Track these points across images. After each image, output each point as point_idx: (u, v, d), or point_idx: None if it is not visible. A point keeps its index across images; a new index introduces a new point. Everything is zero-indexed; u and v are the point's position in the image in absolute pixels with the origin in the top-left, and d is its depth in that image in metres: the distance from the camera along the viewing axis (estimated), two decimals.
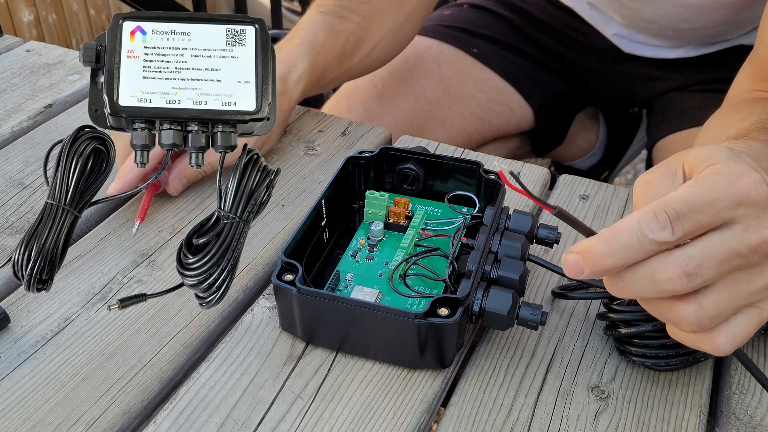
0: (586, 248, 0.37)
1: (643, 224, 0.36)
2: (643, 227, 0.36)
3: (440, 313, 0.45)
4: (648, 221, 0.36)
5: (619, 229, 0.37)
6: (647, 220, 0.36)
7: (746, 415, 0.47)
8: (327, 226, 0.56)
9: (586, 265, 0.38)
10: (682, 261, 0.37)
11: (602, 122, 1.18)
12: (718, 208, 0.37)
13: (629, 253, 0.37)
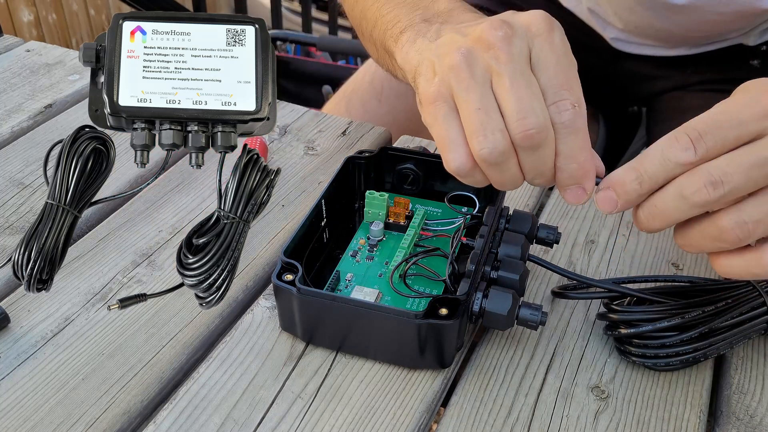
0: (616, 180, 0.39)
1: (665, 148, 0.37)
2: (665, 151, 0.37)
3: (440, 313, 0.45)
4: (670, 144, 0.37)
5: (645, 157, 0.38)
6: (669, 144, 0.37)
7: (746, 415, 0.47)
8: (327, 226, 0.56)
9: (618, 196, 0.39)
10: (706, 172, 0.37)
11: (602, 122, 1.18)
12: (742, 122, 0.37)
13: (656, 177, 0.38)
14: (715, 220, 0.38)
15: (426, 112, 0.43)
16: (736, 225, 0.38)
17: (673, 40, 0.92)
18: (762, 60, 0.91)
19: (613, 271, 0.57)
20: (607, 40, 0.96)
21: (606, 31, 0.96)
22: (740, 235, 0.38)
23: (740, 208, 0.38)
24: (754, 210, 0.37)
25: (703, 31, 0.87)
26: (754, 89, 0.39)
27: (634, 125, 1.15)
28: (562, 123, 0.40)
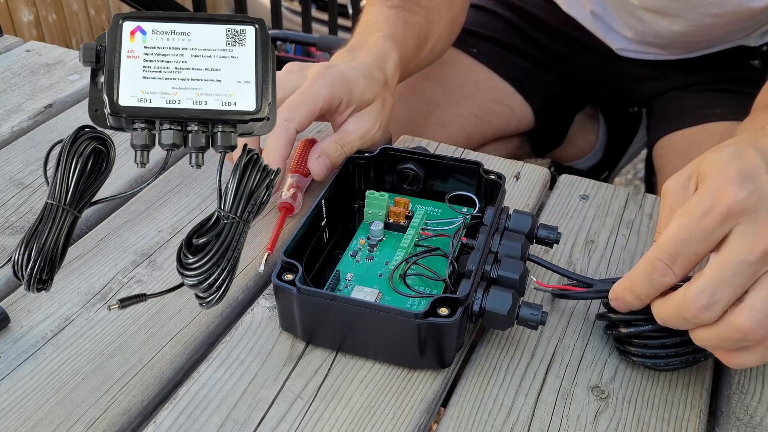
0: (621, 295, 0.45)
1: (649, 274, 0.42)
2: (650, 276, 0.42)
3: (440, 312, 0.45)
4: (651, 271, 0.42)
5: (635, 280, 0.43)
6: (650, 271, 0.42)
7: (746, 415, 0.47)
8: (327, 226, 0.56)
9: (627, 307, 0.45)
10: (696, 298, 0.40)
11: (602, 122, 1.18)
12: (707, 234, 0.40)
13: (651, 295, 0.43)
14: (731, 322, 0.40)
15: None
16: (753, 322, 0.40)
17: (674, 47, 0.92)
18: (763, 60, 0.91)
19: (613, 271, 0.57)
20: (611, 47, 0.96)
21: (609, 37, 0.96)
22: (760, 329, 0.40)
23: (753, 307, 0.40)
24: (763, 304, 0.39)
25: (701, 35, 0.88)
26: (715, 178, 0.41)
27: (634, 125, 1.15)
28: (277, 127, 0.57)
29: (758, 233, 0.39)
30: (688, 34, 0.87)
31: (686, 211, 0.41)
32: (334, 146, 0.59)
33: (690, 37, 0.88)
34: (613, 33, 0.95)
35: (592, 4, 0.94)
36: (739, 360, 0.42)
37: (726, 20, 0.83)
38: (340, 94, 0.58)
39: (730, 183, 0.40)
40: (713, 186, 0.41)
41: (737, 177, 0.40)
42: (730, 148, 0.42)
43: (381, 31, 0.68)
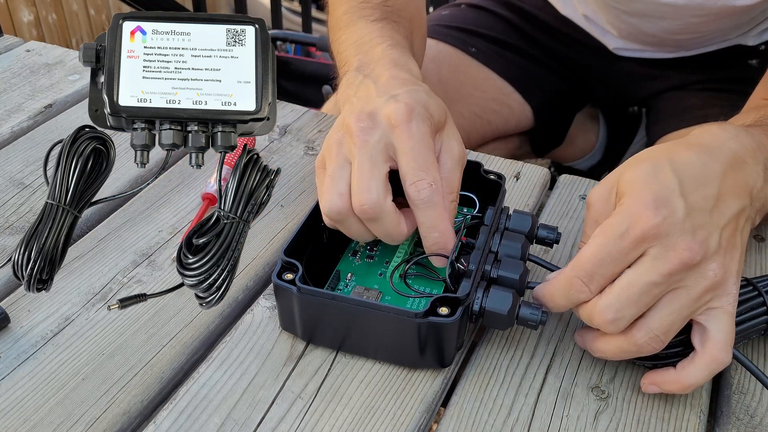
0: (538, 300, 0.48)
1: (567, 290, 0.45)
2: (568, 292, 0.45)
3: (440, 312, 0.45)
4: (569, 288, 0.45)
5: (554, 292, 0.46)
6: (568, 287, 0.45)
7: (746, 415, 0.47)
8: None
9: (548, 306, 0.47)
10: (604, 311, 0.43)
11: (602, 122, 1.18)
12: (621, 255, 0.43)
13: (566, 307, 0.46)
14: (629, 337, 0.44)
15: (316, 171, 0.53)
16: (645, 341, 0.44)
17: (666, 45, 0.93)
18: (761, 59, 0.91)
19: None
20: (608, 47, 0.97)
21: (605, 38, 0.96)
22: (655, 346, 0.44)
23: (647, 325, 0.44)
24: (659, 324, 0.43)
25: (690, 33, 0.88)
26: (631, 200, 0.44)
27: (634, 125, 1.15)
28: (421, 200, 0.48)
29: (667, 257, 0.42)
30: (677, 32, 0.88)
31: (603, 231, 0.44)
32: (451, 206, 0.50)
33: (679, 35, 0.89)
34: (608, 34, 0.95)
35: (583, 8, 0.95)
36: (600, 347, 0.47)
37: (712, 18, 0.84)
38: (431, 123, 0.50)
39: (645, 208, 0.43)
40: (630, 209, 0.43)
41: (652, 201, 0.43)
42: (648, 163, 0.45)
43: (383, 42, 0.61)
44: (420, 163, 0.48)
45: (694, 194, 0.43)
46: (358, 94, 0.54)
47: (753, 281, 0.48)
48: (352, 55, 0.61)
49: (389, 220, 0.48)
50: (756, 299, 0.48)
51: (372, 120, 0.49)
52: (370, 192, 0.47)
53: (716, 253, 0.43)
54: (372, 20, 0.66)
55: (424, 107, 0.50)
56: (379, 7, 0.67)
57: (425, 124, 0.49)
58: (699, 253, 0.42)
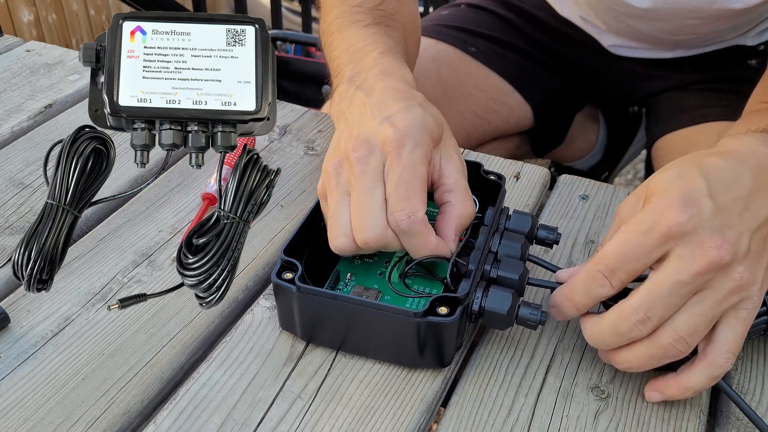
0: (558, 304, 0.47)
1: (588, 284, 0.44)
2: (588, 287, 0.44)
3: (439, 311, 0.45)
4: (590, 282, 0.44)
5: (574, 289, 0.45)
6: (589, 281, 0.44)
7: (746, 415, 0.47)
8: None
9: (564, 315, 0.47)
10: (633, 312, 0.42)
11: (602, 123, 1.18)
12: (645, 252, 0.42)
13: (588, 305, 0.45)
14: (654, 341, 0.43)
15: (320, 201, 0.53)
16: (670, 342, 0.43)
17: (664, 44, 0.93)
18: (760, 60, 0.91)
19: None
20: (605, 46, 0.97)
21: (602, 38, 0.96)
22: (682, 349, 0.43)
23: (671, 326, 0.42)
24: (683, 326, 0.42)
25: (687, 34, 0.88)
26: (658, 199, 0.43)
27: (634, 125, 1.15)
28: (400, 230, 0.47)
29: (694, 255, 0.41)
30: (674, 33, 0.88)
31: (628, 228, 0.43)
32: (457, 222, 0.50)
33: (677, 35, 0.89)
34: (605, 34, 0.96)
35: (579, 10, 0.95)
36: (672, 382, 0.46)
37: (709, 20, 0.84)
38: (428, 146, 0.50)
39: (671, 206, 0.42)
40: (656, 207, 0.43)
41: (679, 200, 0.42)
42: (675, 168, 0.44)
43: (375, 49, 0.61)
44: (401, 193, 0.47)
45: (723, 196, 0.42)
46: (351, 110, 0.54)
47: None
48: (345, 64, 0.61)
49: (397, 244, 0.48)
50: None
51: (368, 147, 0.49)
52: (371, 229, 0.47)
53: (745, 256, 0.42)
54: (364, 25, 0.65)
55: (421, 127, 0.50)
56: (371, 12, 0.67)
57: (419, 149, 0.49)
58: (729, 252, 0.41)
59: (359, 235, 0.48)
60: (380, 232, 0.47)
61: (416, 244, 0.48)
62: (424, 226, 0.48)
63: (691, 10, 0.82)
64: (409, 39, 0.71)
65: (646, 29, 0.89)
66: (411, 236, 0.47)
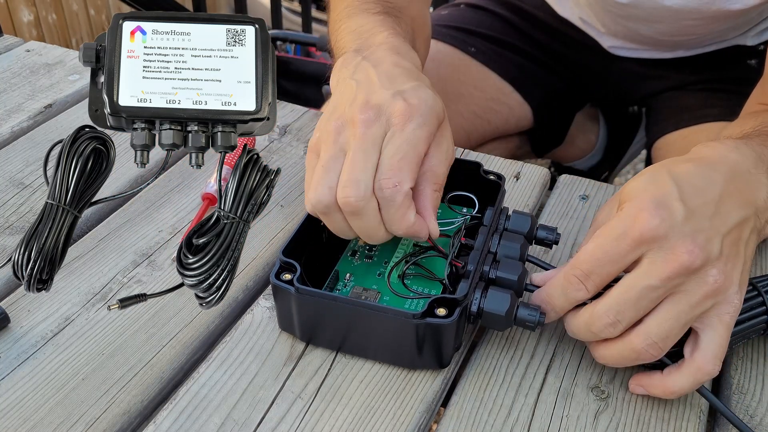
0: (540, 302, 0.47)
1: (564, 288, 0.45)
2: (565, 290, 0.45)
3: (438, 313, 0.45)
4: (566, 285, 0.45)
5: (552, 293, 0.46)
6: (565, 285, 0.45)
7: (746, 415, 0.47)
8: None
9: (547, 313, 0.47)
10: (603, 314, 0.43)
11: (602, 123, 1.18)
12: (619, 257, 0.43)
13: (565, 308, 0.47)
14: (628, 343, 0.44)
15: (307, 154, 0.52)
16: (644, 346, 0.43)
17: (663, 45, 0.93)
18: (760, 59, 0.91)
19: None
20: (605, 47, 0.97)
21: (602, 39, 0.96)
22: (654, 353, 0.44)
23: (647, 332, 0.43)
24: (657, 329, 0.43)
25: (686, 35, 0.88)
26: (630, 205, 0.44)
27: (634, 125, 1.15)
28: (382, 197, 0.47)
29: (666, 260, 0.42)
30: (674, 34, 0.88)
31: (602, 233, 0.44)
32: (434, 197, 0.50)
33: (676, 36, 0.89)
34: (604, 36, 0.96)
35: (579, 11, 0.95)
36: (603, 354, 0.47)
37: (707, 21, 0.84)
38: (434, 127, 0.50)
39: (643, 210, 0.43)
40: (629, 212, 0.43)
41: (651, 204, 0.43)
42: (647, 174, 0.45)
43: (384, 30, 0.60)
44: (395, 162, 0.47)
45: (694, 200, 0.43)
46: (357, 76, 0.52)
47: (753, 281, 0.48)
48: (350, 41, 0.60)
49: (371, 218, 0.47)
50: (756, 299, 0.48)
51: (376, 112, 0.49)
52: (357, 185, 0.46)
53: (717, 259, 0.42)
54: (373, 13, 0.65)
55: (431, 108, 0.49)
56: (381, 3, 0.67)
57: (424, 128, 0.48)
58: (699, 256, 0.41)
59: (343, 191, 0.47)
60: (363, 194, 0.46)
61: (393, 216, 0.47)
62: (406, 200, 0.47)
63: (689, 11, 0.82)
64: (417, 35, 0.71)
65: (644, 31, 0.89)
66: (391, 206, 0.47)
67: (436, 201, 0.50)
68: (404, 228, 0.48)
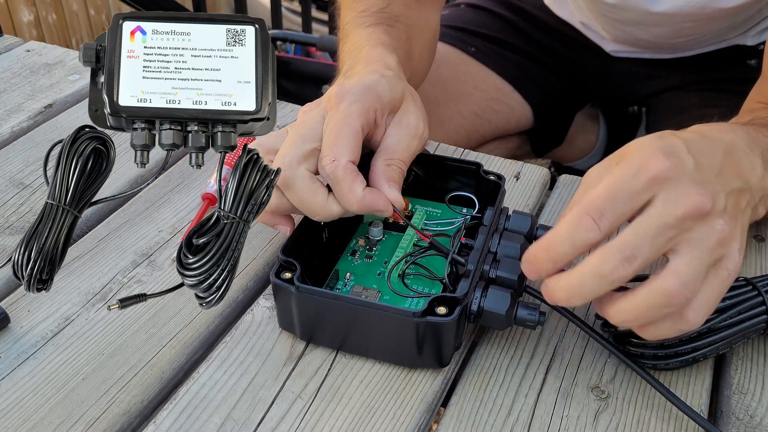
0: (533, 257, 0.43)
1: (572, 231, 0.41)
2: (573, 234, 0.41)
3: (438, 311, 0.45)
4: (576, 227, 0.41)
5: (555, 238, 0.42)
6: (575, 226, 0.41)
7: (746, 415, 0.47)
8: (326, 225, 0.56)
9: (538, 271, 0.43)
10: (618, 250, 0.40)
11: (602, 123, 1.18)
12: (634, 194, 0.41)
13: (568, 257, 0.42)
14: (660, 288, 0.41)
15: None
16: (682, 286, 0.40)
17: (663, 48, 0.93)
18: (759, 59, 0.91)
19: None
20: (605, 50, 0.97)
21: (603, 43, 0.97)
22: (688, 294, 0.41)
23: (676, 270, 0.41)
24: (687, 268, 0.41)
25: (685, 36, 0.88)
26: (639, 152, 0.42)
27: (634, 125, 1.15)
28: (326, 176, 0.49)
29: (679, 201, 0.41)
30: (671, 37, 0.89)
31: (614, 173, 0.42)
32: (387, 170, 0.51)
33: (674, 39, 0.89)
34: (604, 40, 0.96)
35: (579, 15, 0.95)
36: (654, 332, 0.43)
37: (704, 22, 0.84)
38: (370, 104, 0.52)
39: (655, 154, 0.42)
40: (640, 156, 0.42)
41: (662, 150, 0.42)
42: (651, 136, 0.44)
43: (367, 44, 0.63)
44: (330, 141, 0.50)
45: (700, 157, 0.43)
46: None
47: (753, 281, 0.49)
48: (345, 62, 0.64)
49: (301, 187, 0.49)
50: (756, 299, 0.48)
51: (317, 104, 0.53)
52: (284, 158, 0.49)
53: (723, 212, 0.42)
54: (366, 26, 0.68)
55: (367, 87, 0.52)
56: (375, 15, 0.69)
57: (357, 104, 0.51)
58: (710, 200, 0.41)
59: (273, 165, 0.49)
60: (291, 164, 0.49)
61: (341, 192, 0.49)
62: (348, 174, 0.49)
63: (684, 15, 0.82)
64: (416, 39, 0.72)
65: (642, 35, 0.89)
66: (335, 182, 0.49)
67: (392, 174, 0.51)
68: (355, 202, 0.49)
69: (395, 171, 0.52)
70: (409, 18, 0.72)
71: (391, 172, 0.51)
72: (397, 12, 0.70)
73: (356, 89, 0.52)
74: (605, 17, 0.89)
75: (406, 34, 0.70)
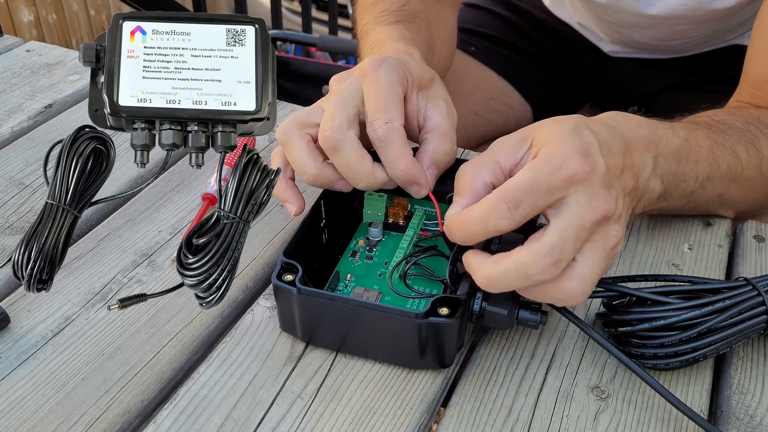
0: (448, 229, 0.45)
1: (486, 216, 0.42)
2: (486, 219, 0.42)
3: (441, 312, 0.45)
4: (490, 213, 0.42)
5: (470, 218, 0.43)
6: (489, 212, 0.42)
7: (746, 415, 0.47)
8: (326, 226, 0.56)
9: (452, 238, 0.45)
10: (547, 253, 0.41)
11: None
12: (551, 190, 0.42)
13: (479, 237, 0.44)
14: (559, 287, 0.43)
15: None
16: (580, 290, 0.43)
17: (659, 50, 0.93)
18: None
19: (613, 271, 0.57)
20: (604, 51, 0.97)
21: (601, 44, 0.97)
22: (583, 298, 0.43)
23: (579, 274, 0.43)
24: (589, 272, 0.43)
25: (680, 39, 0.89)
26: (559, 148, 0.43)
27: None
28: (377, 138, 0.49)
29: (591, 204, 0.42)
30: (667, 39, 0.89)
31: (535, 164, 0.43)
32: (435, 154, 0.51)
33: (670, 41, 0.89)
34: (602, 40, 0.96)
35: (578, 16, 0.95)
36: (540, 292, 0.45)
37: (697, 24, 0.85)
38: (404, 74, 0.52)
39: (574, 154, 0.43)
40: (560, 151, 0.43)
41: (580, 150, 0.43)
42: (570, 124, 0.45)
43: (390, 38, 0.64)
44: (379, 104, 0.49)
45: (608, 158, 0.44)
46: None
47: (753, 281, 0.48)
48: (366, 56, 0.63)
49: (350, 151, 0.49)
50: (756, 299, 0.48)
51: (348, 74, 0.53)
52: (333, 121, 0.49)
53: (620, 216, 0.44)
54: (385, 24, 0.69)
55: (398, 61, 0.52)
56: (395, 13, 0.70)
57: (394, 72, 0.51)
58: (614, 207, 0.43)
59: (321, 130, 0.49)
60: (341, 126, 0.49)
61: (392, 155, 0.49)
62: (401, 137, 0.49)
63: (677, 17, 0.82)
64: (436, 35, 0.73)
65: (638, 38, 0.90)
66: (388, 145, 0.49)
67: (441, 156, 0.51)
68: (403, 167, 0.49)
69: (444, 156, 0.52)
70: (428, 14, 0.73)
71: (439, 156, 0.52)
72: (416, 9, 0.72)
73: (390, 60, 0.52)
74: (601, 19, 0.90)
75: (426, 29, 0.71)
